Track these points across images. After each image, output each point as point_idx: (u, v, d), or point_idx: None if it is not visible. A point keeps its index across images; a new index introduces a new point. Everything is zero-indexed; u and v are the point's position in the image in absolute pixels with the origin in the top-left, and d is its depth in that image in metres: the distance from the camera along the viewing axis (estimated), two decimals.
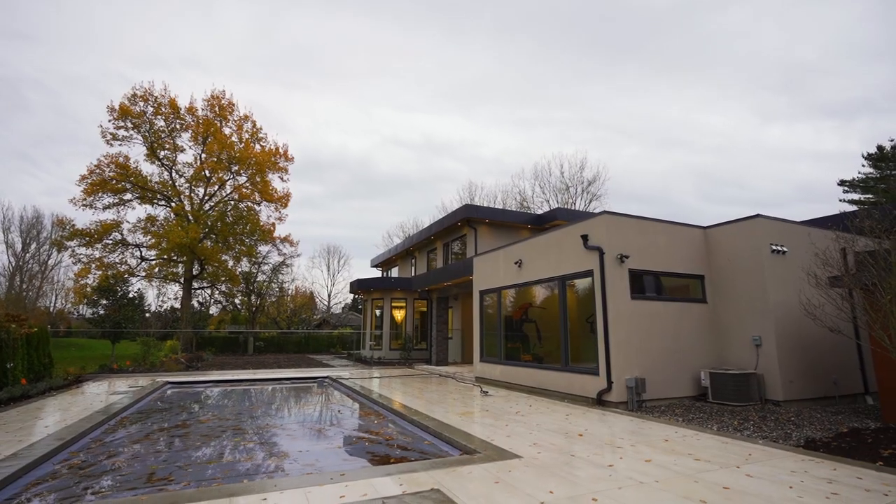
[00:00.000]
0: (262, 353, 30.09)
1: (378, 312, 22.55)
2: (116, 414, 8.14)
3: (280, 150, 31.05)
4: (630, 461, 5.27)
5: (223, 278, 31.36)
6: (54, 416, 7.73)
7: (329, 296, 53.04)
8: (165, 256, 28.98)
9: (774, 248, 9.32)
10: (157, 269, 30.33)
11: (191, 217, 28.46)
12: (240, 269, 32.32)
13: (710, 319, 10.05)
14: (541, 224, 19.60)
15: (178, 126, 28.94)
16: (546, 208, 39.21)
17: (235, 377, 14.48)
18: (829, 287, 7.57)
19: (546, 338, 11.18)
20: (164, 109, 28.15)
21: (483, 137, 65.92)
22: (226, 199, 30.97)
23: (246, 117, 30.81)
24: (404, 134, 70.45)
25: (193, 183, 29.86)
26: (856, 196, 33.04)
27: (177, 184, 29.76)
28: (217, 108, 29.71)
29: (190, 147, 29.74)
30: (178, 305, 29.73)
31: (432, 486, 4.31)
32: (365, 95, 70.58)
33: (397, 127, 70.44)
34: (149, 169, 29.13)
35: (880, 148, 31.77)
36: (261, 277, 33.12)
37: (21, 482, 4.67)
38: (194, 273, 29.53)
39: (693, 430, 6.97)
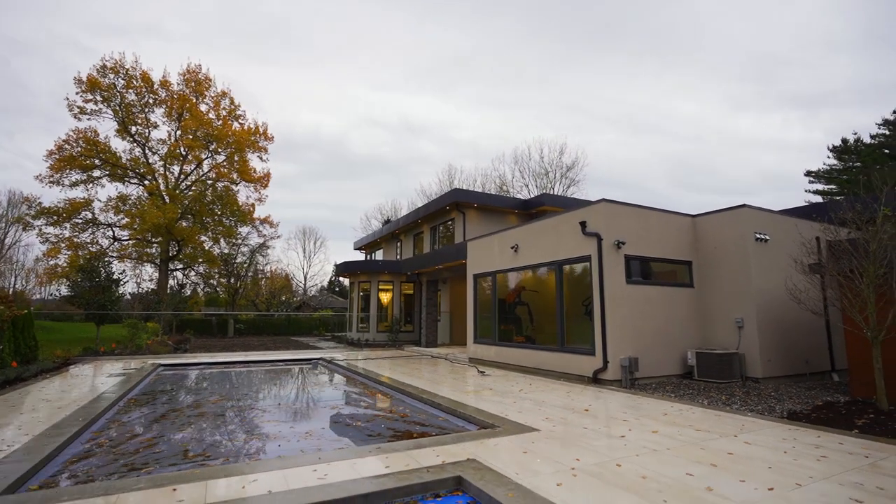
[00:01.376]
0: (243, 335, 29.78)
1: (364, 294, 22.65)
2: (123, 395, 8.11)
3: (259, 129, 30.26)
4: (638, 432, 5.72)
5: (200, 260, 30.70)
6: (60, 399, 7.65)
7: (305, 278, 52.56)
8: (140, 237, 28.09)
9: (758, 236, 9.94)
10: (130, 250, 29.42)
11: (166, 196, 27.58)
12: (218, 251, 31.64)
13: (697, 303, 10.68)
14: (527, 209, 20.00)
15: (151, 101, 27.77)
16: (526, 193, 39.73)
17: (228, 359, 14.43)
18: (811, 273, 8.20)
19: (542, 320, 11.62)
20: (135, 83, 26.93)
21: (460, 120, 65.86)
22: (203, 178, 30.10)
23: (224, 94, 29.83)
24: (380, 114, 69.57)
25: (168, 161, 28.86)
26: (820, 186, 34.84)
27: (150, 161, 28.70)
28: (193, 84, 28.61)
29: (164, 123, 28.69)
30: (154, 287, 28.95)
31: (468, 457, 4.61)
32: (339, 72, 69.11)
33: (372, 106, 69.45)
34: (120, 145, 28.01)
35: (844, 141, 33.48)
36: (240, 259, 32.55)
37: (59, 460, 4.72)
38: (171, 254, 28.77)
39: (686, 404, 7.53)
